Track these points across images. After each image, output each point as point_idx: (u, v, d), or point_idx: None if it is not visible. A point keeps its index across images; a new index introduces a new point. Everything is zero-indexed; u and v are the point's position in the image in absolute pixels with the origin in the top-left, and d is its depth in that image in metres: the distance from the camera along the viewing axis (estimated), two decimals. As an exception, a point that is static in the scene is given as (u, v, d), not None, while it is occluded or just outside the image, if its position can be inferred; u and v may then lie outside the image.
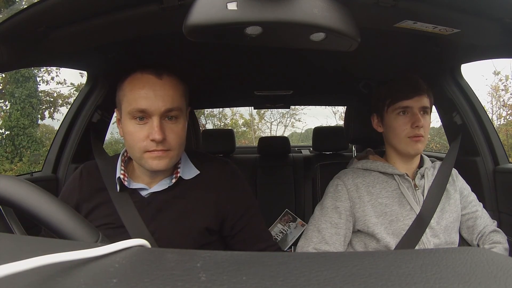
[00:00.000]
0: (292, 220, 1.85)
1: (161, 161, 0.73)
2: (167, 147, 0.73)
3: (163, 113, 0.72)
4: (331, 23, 0.50)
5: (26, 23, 0.64)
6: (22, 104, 7.26)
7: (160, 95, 0.72)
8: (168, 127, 0.74)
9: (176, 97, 0.75)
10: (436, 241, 0.88)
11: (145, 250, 0.30)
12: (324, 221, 0.91)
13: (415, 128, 0.88)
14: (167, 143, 0.73)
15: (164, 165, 0.74)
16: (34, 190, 0.42)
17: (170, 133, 0.73)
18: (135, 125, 0.73)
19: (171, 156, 0.74)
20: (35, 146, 7.27)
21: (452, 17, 0.64)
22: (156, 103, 0.71)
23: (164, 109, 0.72)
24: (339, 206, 0.91)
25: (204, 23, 0.48)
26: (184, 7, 0.51)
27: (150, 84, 0.72)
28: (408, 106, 0.89)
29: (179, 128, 0.75)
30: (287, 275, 0.23)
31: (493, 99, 6.45)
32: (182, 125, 0.76)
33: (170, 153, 0.74)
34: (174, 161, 0.76)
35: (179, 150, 0.77)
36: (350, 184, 0.93)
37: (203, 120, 9.22)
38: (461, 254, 0.26)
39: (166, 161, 0.74)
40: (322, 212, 0.93)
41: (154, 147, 0.72)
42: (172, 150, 0.74)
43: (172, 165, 0.76)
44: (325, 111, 14.33)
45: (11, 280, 0.22)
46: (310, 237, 0.90)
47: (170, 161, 0.75)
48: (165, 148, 0.73)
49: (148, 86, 0.72)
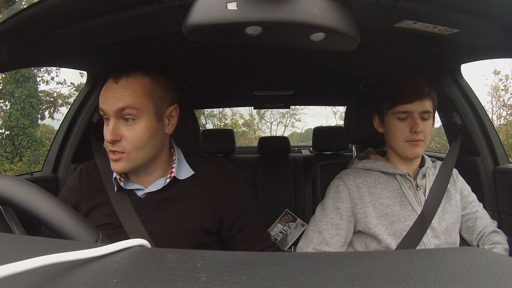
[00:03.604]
0: (292, 220, 1.85)
1: (117, 164, 0.73)
2: (121, 149, 0.72)
3: (116, 112, 0.72)
4: (331, 23, 0.50)
5: (26, 23, 0.64)
6: (22, 104, 7.26)
7: (113, 96, 0.73)
8: (124, 129, 0.73)
9: (131, 96, 0.73)
10: (437, 242, 0.88)
11: (145, 250, 0.30)
12: (325, 222, 0.90)
13: (414, 133, 0.87)
14: (121, 145, 0.72)
15: (119, 167, 0.73)
16: (34, 190, 0.42)
17: (127, 134, 0.73)
18: (105, 126, 0.76)
19: (128, 159, 0.73)
20: (35, 146, 7.27)
21: (452, 17, 0.64)
22: (109, 103, 0.73)
23: (116, 108, 0.72)
24: (340, 207, 0.91)
25: (204, 23, 0.48)
26: (184, 7, 0.51)
27: (108, 87, 0.75)
28: (408, 111, 0.88)
29: (138, 130, 0.73)
30: (287, 275, 0.23)
31: (493, 99, 6.46)
32: (142, 127, 0.73)
33: (125, 156, 0.73)
34: (132, 164, 0.74)
35: (138, 153, 0.74)
36: (351, 184, 0.93)
37: (203, 120, 9.22)
38: (461, 254, 0.26)
39: (122, 164, 0.73)
40: (323, 213, 0.92)
41: (110, 147, 0.73)
42: (127, 153, 0.73)
43: (131, 168, 0.75)
44: (325, 111, 14.34)
45: (11, 280, 0.22)
46: (311, 238, 0.90)
47: (127, 164, 0.73)
48: (119, 150, 0.72)
49: (107, 90, 0.75)
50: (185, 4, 0.53)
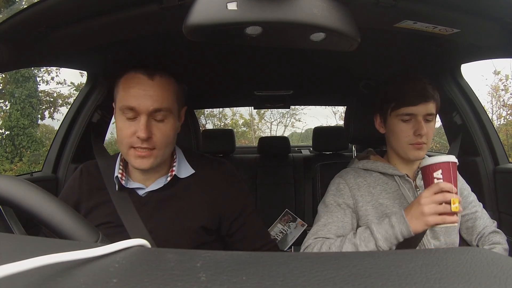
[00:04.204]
0: (292, 220, 1.85)
1: (145, 160, 0.74)
2: (152, 145, 0.74)
3: (151, 112, 0.74)
4: (331, 23, 0.50)
5: (26, 23, 0.64)
6: (22, 104, 7.27)
7: (149, 95, 0.73)
8: (155, 126, 0.75)
9: (166, 97, 0.75)
10: (436, 242, 0.88)
11: (145, 250, 0.30)
12: (330, 216, 0.90)
13: (417, 136, 0.86)
14: (152, 142, 0.74)
15: (148, 164, 0.74)
16: (34, 190, 0.42)
17: (157, 132, 0.74)
18: (125, 121, 0.75)
19: (156, 156, 0.75)
20: (35, 146, 7.27)
21: (452, 17, 0.64)
22: (144, 102, 0.73)
23: (152, 108, 0.73)
24: (341, 203, 0.91)
25: (204, 23, 0.48)
26: (184, 7, 0.51)
27: (141, 83, 0.74)
28: (413, 113, 0.87)
29: (167, 128, 0.76)
30: (287, 275, 0.23)
31: (493, 99, 6.46)
32: (170, 125, 0.77)
33: (155, 152, 0.75)
34: (159, 160, 0.76)
35: (165, 149, 0.77)
36: (352, 182, 0.93)
37: (203, 120, 9.22)
38: (461, 254, 0.26)
39: (151, 161, 0.74)
40: (326, 209, 0.92)
41: (139, 144, 0.73)
42: (157, 149, 0.75)
43: (156, 164, 0.76)
44: (325, 111, 14.35)
45: (11, 280, 0.22)
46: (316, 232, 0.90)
47: (154, 161, 0.75)
48: (150, 147, 0.74)
49: (139, 86, 0.74)
50: (185, 4, 0.53)
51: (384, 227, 0.78)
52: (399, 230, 0.76)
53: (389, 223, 0.78)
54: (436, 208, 0.72)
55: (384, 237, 0.77)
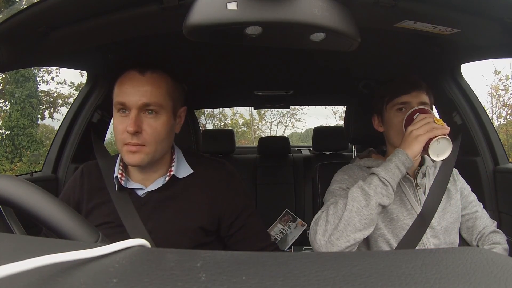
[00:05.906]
0: (292, 220, 1.85)
1: (136, 155, 0.73)
2: (142, 141, 0.73)
3: (140, 106, 0.73)
4: (331, 23, 0.50)
5: (26, 23, 0.63)
6: (22, 104, 7.27)
7: (139, 90, 0.74)
8: (146, 122, 0.74)
9: (156, 93, 0.75)
10: (436, 241, 0.88)
11: (145, 250, 0.30)
12: (338, 197, 0.87)
13: None
14: (142, 137, 0.73)
15: (138, 160, 0.74)
16: (34, 190, 0.42)
17: (147, 127, 0.74)
18: (118, 118, 0.76)
19: (147, 152, 0.74)
20: (35, 146, 7.27)
21: (452, 17, 0.64)
22: (134, 97, 0.73)
23: (141, 103, 0.73)
24: (346, 188, 0.90)
25: (204, 23, 0.48)
26: (184, 7, 0.51)
27: (132, 79, 0.75)
28: (407, 102, 0.89)
29: (158, 124, 0.75)
30: (287, 275, 0.23)
31: (493, 99, 6.47)
32: (161, 122, 0.76)
33: (145, 149, 0.74)
34: (150, 157, 0.75)
35: (157, 146, 0.76)
36: (355, 175, 0.94)
37: (203, 120, 9.22)
38: (461, 254, 0.26)
39: (142, 157, 0.74)
40: (332, 194, 0.91)
41: (129, 139, 0.73)
42: (147, 145, 0.74)
43: (148, 161, 0.76)
44: (325, 111, 14.37)
45: (11, 280, 0.22)
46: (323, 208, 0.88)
47: (145, 157, 0.74)
48: (140, 142, 0.73)
49: (130, 82, 0.75)
50: (185, 4, 0.53)
51: (384, 165, 0.79)
52: (398, 159, 0.78)
53: (387, 161, 0.80)
54: (424, 127, 0.78)
55: (385, 172, 0.78)
